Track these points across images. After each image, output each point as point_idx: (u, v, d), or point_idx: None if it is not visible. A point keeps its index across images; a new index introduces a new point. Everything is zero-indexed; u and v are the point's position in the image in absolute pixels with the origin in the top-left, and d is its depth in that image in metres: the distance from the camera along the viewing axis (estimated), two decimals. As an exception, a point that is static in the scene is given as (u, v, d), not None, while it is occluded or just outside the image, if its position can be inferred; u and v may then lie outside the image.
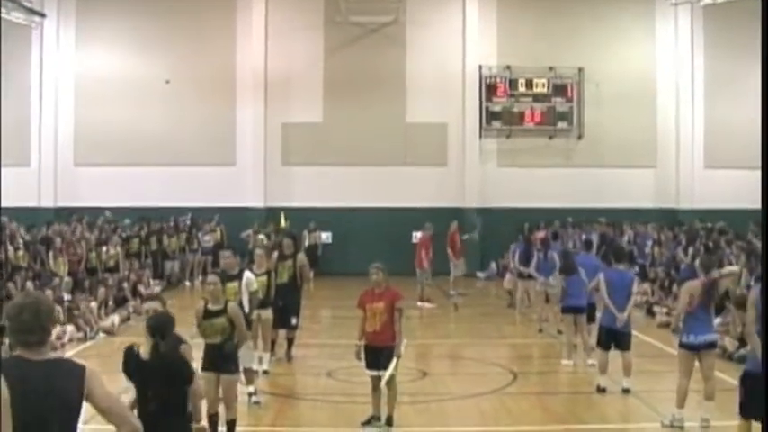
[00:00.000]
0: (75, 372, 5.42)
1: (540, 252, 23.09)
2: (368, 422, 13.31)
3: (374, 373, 13.16)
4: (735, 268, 14.74)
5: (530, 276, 24.05)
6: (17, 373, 5.18)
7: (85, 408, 5.42)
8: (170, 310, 10.30)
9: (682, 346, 13.05)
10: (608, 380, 15.69)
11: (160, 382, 8.33)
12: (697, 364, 13.04)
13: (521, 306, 24.87)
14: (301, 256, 18.61)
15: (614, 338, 15.61)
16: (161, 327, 8.66)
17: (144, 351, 8.58)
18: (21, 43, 34.26)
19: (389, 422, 13.23)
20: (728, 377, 14.14)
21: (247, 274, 15.31)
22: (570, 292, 17.65)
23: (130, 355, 8.64)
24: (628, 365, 15.57)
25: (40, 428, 5.18)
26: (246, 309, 14.55)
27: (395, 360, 13.07)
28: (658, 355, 18.17)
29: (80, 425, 5.45)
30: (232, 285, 14.62)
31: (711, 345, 13.07)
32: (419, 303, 26.47)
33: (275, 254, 18.00)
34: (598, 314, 17.24)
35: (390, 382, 13.14)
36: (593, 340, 17.89)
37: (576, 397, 16.00)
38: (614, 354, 15.81)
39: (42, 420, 5.18)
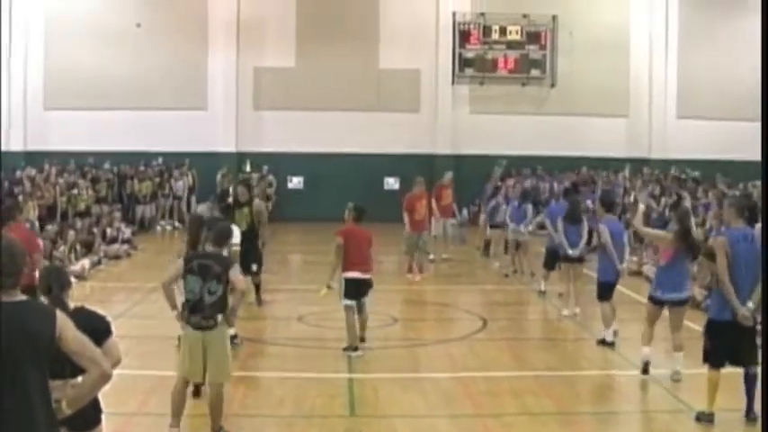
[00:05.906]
0: (47, 314, 5.42)
1: (515, 201, 22.75)
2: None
3: None
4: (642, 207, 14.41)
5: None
6: None
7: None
8: (141, 254, 10.36)
9: (650, 298, 13.03)
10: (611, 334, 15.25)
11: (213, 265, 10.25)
12: (667, 314, 13.06)
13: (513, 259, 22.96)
14: (257, 203, 18.47)
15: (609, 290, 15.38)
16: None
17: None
18: (-12, -16, 33.70)
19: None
20: (697, 326, 14.21)
21: None
22: (572, 241, 17.42)
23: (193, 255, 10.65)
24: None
25: (13, 369, 5.17)
26: None
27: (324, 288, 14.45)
28: (627, 302, 18.21)
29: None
30: None
31: (681, 302, 12.84)
32: (409, 275, 22.68)
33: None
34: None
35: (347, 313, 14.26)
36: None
37: (546, 344, 16.10)
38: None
39: (15, 360, 5.17)
